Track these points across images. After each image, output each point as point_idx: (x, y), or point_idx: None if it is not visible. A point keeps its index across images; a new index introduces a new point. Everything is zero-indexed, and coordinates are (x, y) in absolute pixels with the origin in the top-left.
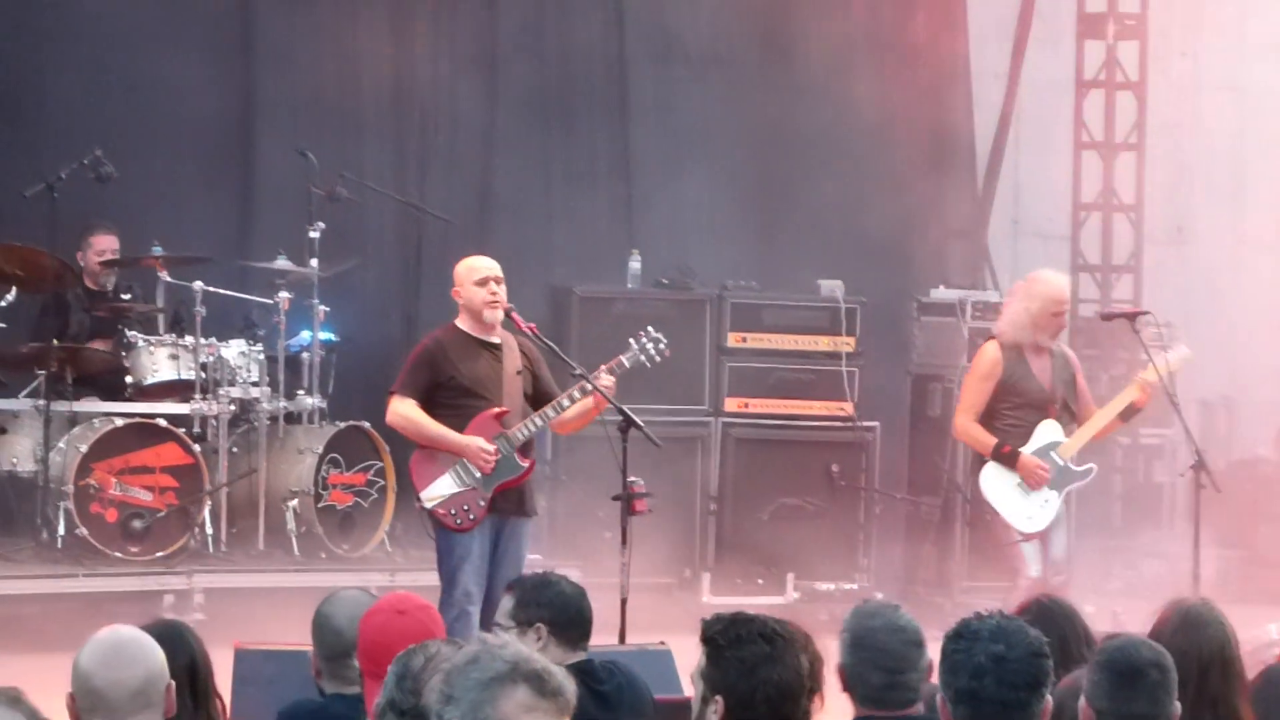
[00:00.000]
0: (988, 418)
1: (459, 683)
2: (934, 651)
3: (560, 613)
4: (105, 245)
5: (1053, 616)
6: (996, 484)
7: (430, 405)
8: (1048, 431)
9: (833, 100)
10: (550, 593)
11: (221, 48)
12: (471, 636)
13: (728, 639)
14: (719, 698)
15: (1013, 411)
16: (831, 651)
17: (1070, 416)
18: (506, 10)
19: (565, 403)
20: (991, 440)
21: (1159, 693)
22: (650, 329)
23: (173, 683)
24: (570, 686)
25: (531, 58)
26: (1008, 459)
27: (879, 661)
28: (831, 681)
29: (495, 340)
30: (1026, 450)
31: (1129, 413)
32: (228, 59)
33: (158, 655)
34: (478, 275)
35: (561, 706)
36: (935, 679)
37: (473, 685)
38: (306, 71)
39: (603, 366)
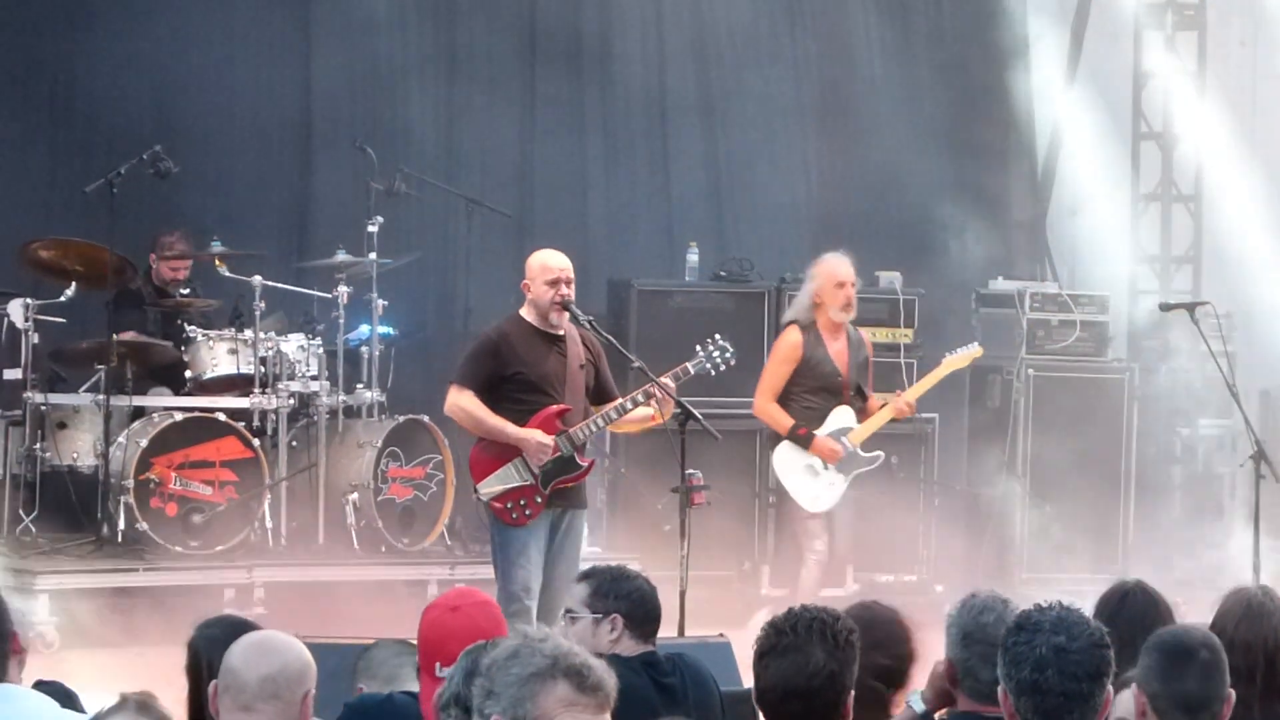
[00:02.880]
0: (785, 399)
1: (499, 678)
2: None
3: (637, 606)
4: (177, 249)
5: (875, 619)
6: (788, 463)
7: (494, 398)
8: (840, 417)
9: (891, 92)
10: (628, 585)
11: (280, 43)
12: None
13: (765, 628)
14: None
15: (809, 394)
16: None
17: (862, 400)
18: (545, 6)
19: (628, 405)
20: (789, 421)
21: (1211, 672)
22: (717, 337)
23: (311, 692)
24: (611, 681)
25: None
26: (803, 440)
27: (992, 657)
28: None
29: (560, 333)
30: (820, 433)
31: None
32: (286, 55)
33: (301, 657)
34: (550, 275)
35: (601, 701)
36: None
37: (513, 680)
38: (364, 66)
39: (667, 373)
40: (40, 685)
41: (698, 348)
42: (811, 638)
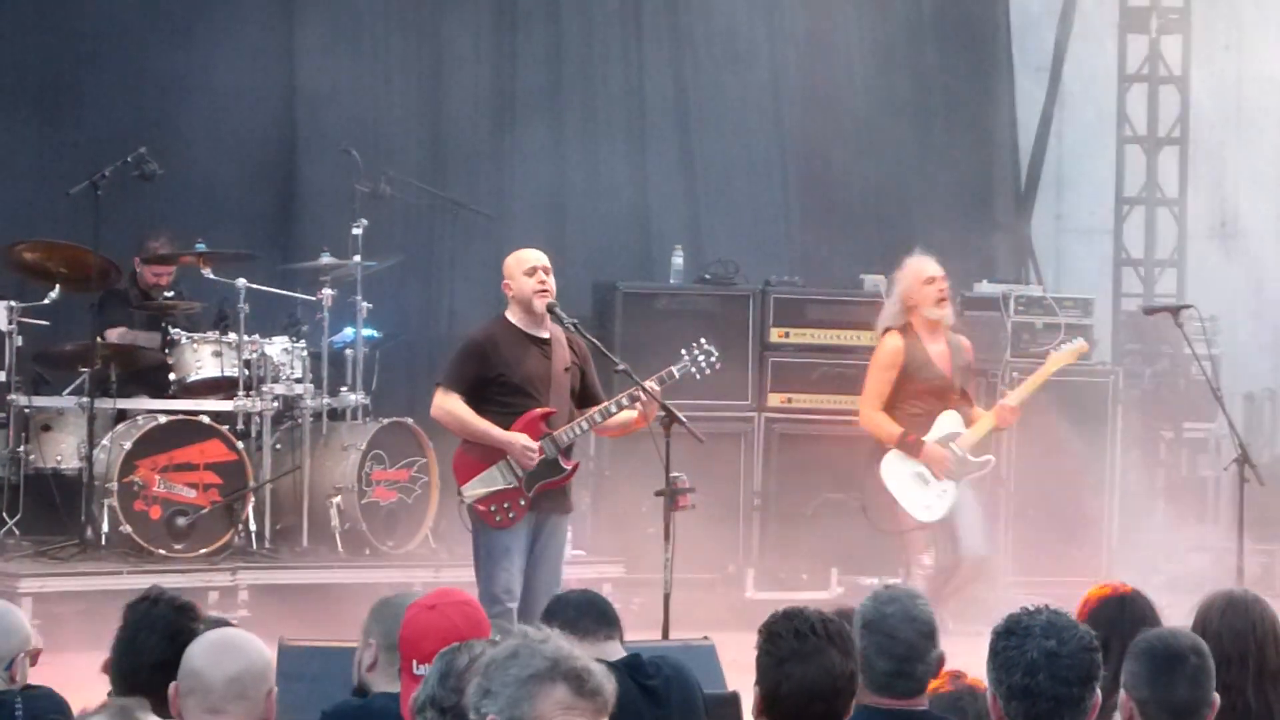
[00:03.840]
0: (890, 407)
1: (498, 677)
2: (983, 647)
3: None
4: (161, 252)
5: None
6: (897, 472)
7: (478, 401)
8: (948, 422)
9: (875, 95)
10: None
11: (264, 46)
12: (513, 630)
13: (767, 631)
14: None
15: (914, 400)
16: None
17: (968, 404)
18: (526, 8)
19: (613, 409)
20: (897, 429)
21: (1200, 677)
22: (702, 341)
23: (274, 689)
24: (610, 686)
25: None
26: (912, 447)
27: (888, 649)
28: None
29: (545, 335)
30: (928, 439)
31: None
32: (271, 57)
33: (263, 655)
34: (527, 265)
35: (600, 706)
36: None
37: (511, 681)
38: (348, 70)
39: (651, 377)
40: (28, 690)
41: (682, 351)
42: (832, 641)
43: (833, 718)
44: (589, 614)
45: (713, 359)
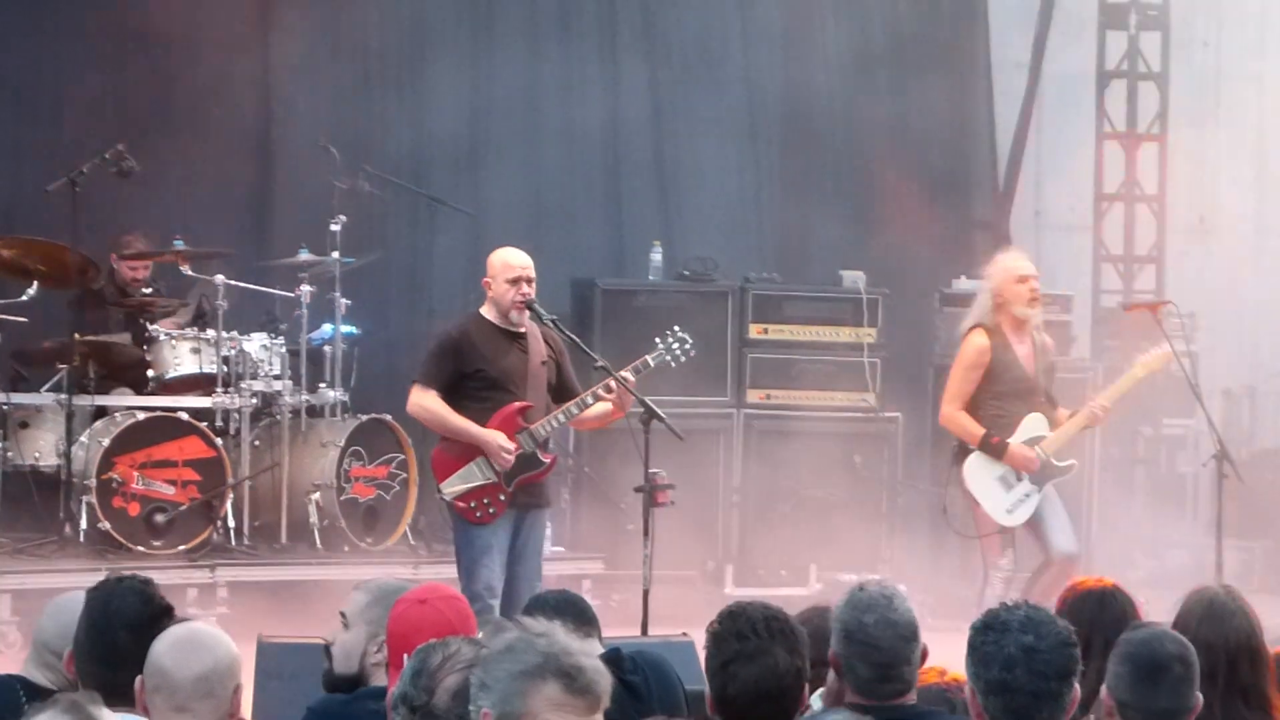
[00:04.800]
0: (972, 407)
1: (493, 671)
2: (963, 642)
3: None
4: (135, 246)
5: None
6: (980, 474)
7: (455, 396)
8: (1033, 424)
9: (853, 92)
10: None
11: (241, 41)
12: (498, 623)
13: (711, 633)
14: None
15: (997, 401)
16: None
17: (1052, 406)
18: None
19: (589, 400)
20: (980, 430)
21: (1182, 687)
22: (676, 329)
23: (241, 685)
24: (603, 683)
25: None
26: (996, 449)
27: (870, 657)
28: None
29: (521, 330)
30: (1012, 441)
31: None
32: (247, 52)
33: (230, 652)
34: (511, 274)
35: (591, 704)
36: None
37: (504, 676)
38: (325, 65)
39: (627, 366)
40: None
41: (656, 340)
42: (775, 639)
43: (782, 716)
44: (567, 613)
45: (687, 346)
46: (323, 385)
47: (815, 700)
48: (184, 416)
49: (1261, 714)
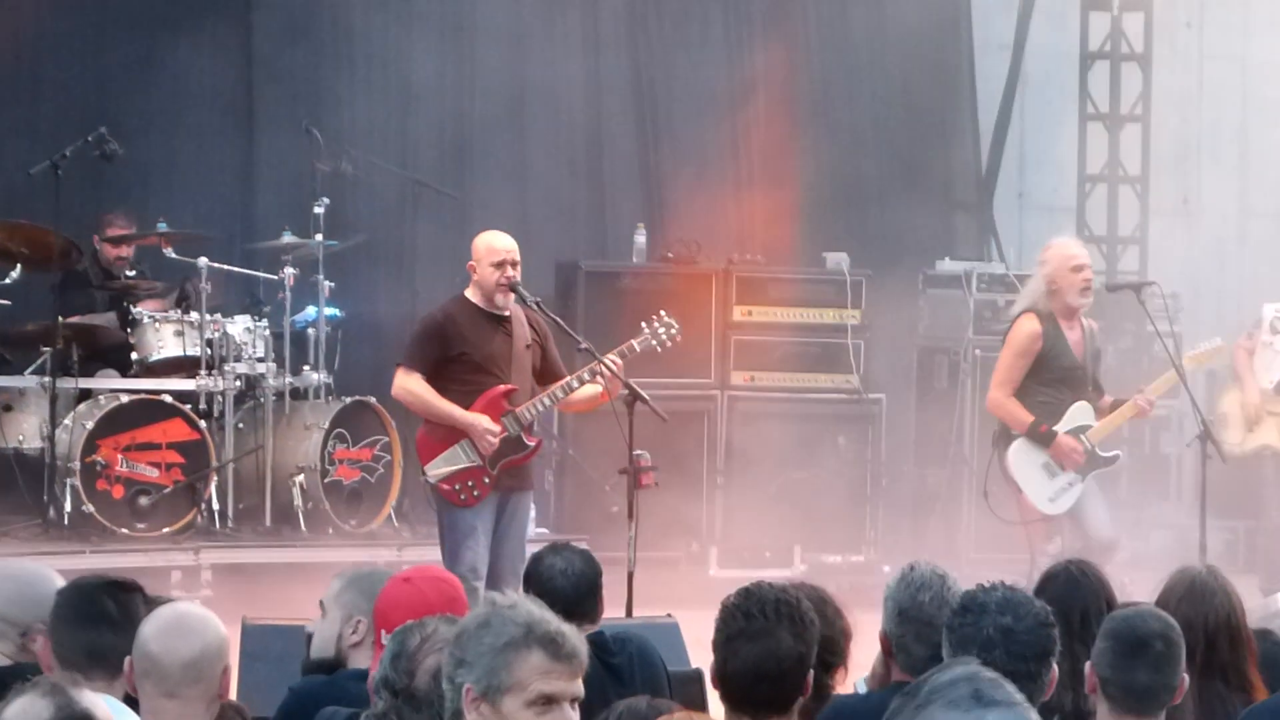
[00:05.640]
0: (1020, 393)
1: (472, 647)
2: None
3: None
4: (120, 228)
5: (1079, 586)
6: (1024, 461)
7: (440, 380)
8: (1080, 413)
9: (836, 72)
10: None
11: (223, 23)
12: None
13: (723, 607)
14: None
15: (1045, 388)
16: (862, 623)
17: (1099, 394)
18: None
19: (574, 384)
20: (1029, 418)
21: (1163, 664)
22: (663, 314)
23: (229, 665)
24: (583, 647)
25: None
26: (1044, 438)
27: (926, 635)
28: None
29: (505, 313)
30: (1059, 430)
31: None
32: (230, 35)
33: (218, 634)
34: (496, 257)
35: (576, 668)
36: None
37: (487, 650)
38: (308, 47)
39: (613, 351)
40: None
41: (643, 324)
42: (781, 621)
43: (781, 701)
44: (575, 560)
45: (673, 331)
46: (306, 368)
47: (860, 684)
48: (168, 399)
49: (1241, 694)
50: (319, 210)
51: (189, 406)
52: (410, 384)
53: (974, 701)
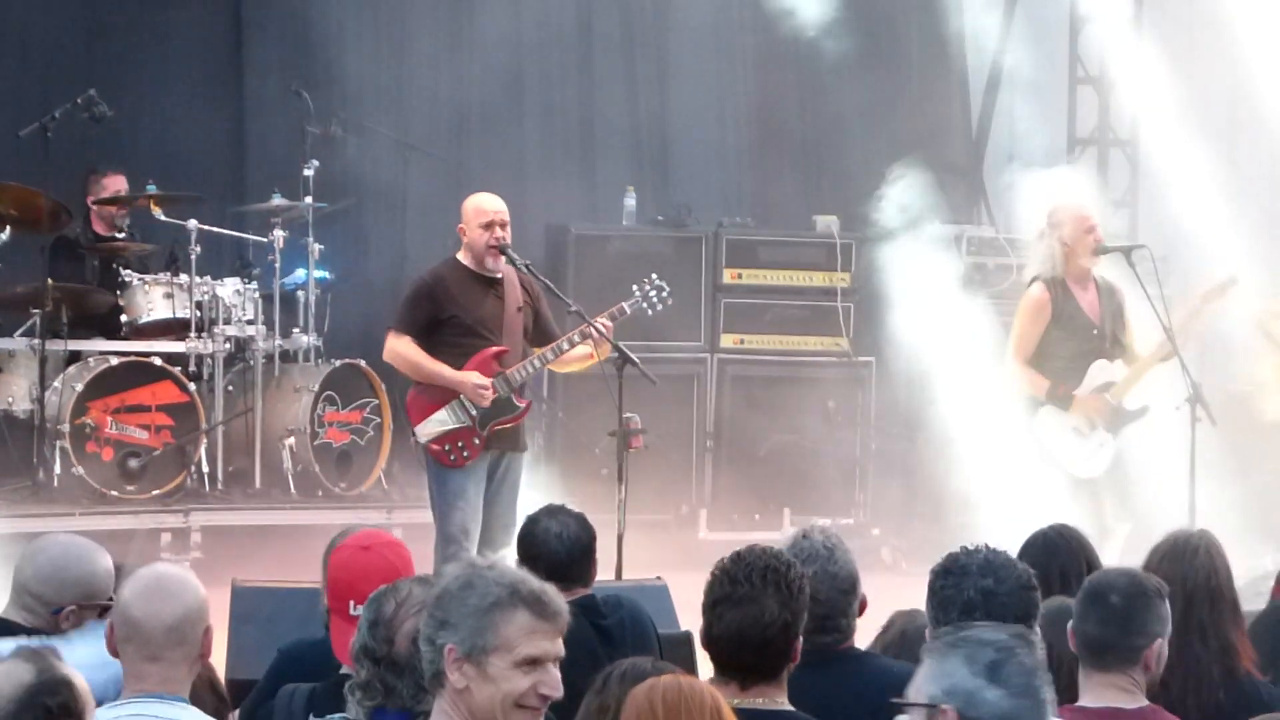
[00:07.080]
0: (1039, 359)
1: (455, 609)
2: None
3: None
4: (115, 186)
5: (1056, 549)
6: (1051, 428)
7: (431, 342)
8: (1101, 371)
9: (825, 36)
10: None
11: None
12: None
13: (715, 569)
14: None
15: (1064, 351)
16: None
17: (1121, 350)
18: None
19: (564, 346)
20: (1045, 382)
21: (1119, 618)
22: (654, 277)
23: (210, 625)
24: (565, 606)
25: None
26: (1063, 400)
27: (810, 609)
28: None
29: (497, 275)
30: (1079, 392)
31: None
32: None
33: (198, 595)
34: (485, 218)
35: (560, 627)
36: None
37: (471, 612)
38: (299, 8)
39: (604, 313)
40: None
41: (634, 287)
42: (766, 588)
43: (766, 669)
44: (570, 521)
45: (664, 294)
46: (296, 330)
47: None
48: (157, 361)
49: (1223, 656)
50: (309, 173)
51: (179, 369)
52: (400, 347)
53: (988, 671)
